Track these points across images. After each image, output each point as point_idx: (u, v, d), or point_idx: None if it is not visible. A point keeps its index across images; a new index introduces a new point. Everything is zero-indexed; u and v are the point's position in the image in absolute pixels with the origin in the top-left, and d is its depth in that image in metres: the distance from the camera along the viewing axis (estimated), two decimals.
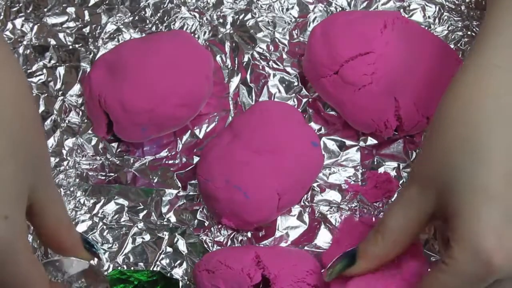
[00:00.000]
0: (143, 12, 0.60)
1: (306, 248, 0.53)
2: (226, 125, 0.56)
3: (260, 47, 0.59)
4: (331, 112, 0.56)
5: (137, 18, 0.60)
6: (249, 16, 0.60)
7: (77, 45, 0.59)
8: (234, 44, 0.59)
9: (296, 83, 0.58)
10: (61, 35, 0.59)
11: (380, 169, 0.55)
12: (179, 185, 0.55)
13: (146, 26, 0.60)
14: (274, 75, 0.58)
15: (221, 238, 0.53)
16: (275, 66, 0.58)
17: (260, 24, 0.60)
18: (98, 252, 0.45)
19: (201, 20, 0.60)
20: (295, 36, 0.59)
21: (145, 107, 0.51)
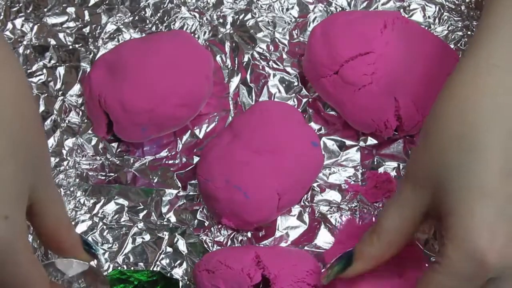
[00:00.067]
0: (143, 12, 0.60)
1: (306, 248, 0.53)
2: (226, 125, 0.56)
3: (260, 47, 0.59)
4: (331, 112, 0.56)
5: (137, 18, 0.60)
6: (249, 16, 0.60)
7: (77, 45, 0.59)
8: (234, 44, 0.59)
9: (296, 83, 0.58)
10: (61, 35, 0.59)
11: (380, 169, 0.55)
12: (179, 185, 0.55)
13: (146, 26, 0.60)
14: (274, 75, 0.58)
15: (221, 238, 0.53)
16: (275, 66, 0.58)
17: (260, 24, 0.60)
18: (97, 253, 0.45)
19: (201, 20, 0.60)
20: (295, 36, 0.59)
21: (145, 107, 0.51)
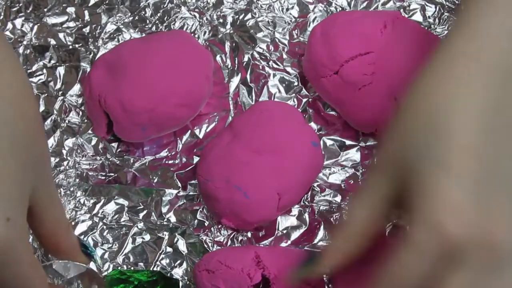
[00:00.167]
0: (143, 12, 0.60)
1: (306, 248, 0.53)
2: (226, 125, 0.56)
3: (260, 47, 0.59)
4: (331, 112, 0.56)
5: (137, 18, 0.60)
6: (249, 16, 0.60)
7: (77, 45, 0.59)
8: (234, 44, 0.59)
9: (296, 83, 0.58)
10: (61, 35, 0.59)
11: None
12: (179, 185, 0.55)
13: (146, 26, 0.60)
14: (274, 75, 0.58)
15: (221, 238, 0.53)
16: (275, 66, 0.58)
17: (260, 24, 0.60)
18: (93, 254, 0.45)
19: (201, 20, 0.60)
20: (295, 36, 0.59)
21: (145, 107, 0.51)
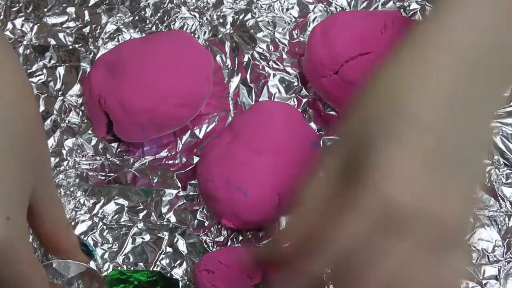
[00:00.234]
0: (143, 12, 0.60)
1: None
2: (226, 125, 0.56)
3: (260, 47, 0.59)
4: (331, 112, 0.56)
5: (137, 18, 0.60)
6: (249, 16, 0.60)
7: (77, 45, 0.59)
8: (234, 44, 0.59)
9: (296, 83, 0.58)
10: (61, 35, 0.59)
11: None
12: (179, 185, 0.55)
13: (146, 26, 0.60)
14: (274, 75, 0.58)
15: (221, 238, 0.53)
16: (275, 66, 0.58)
17: (260, 24, 0.60)
18: (94, 253, 0.45)
19: (201, 20, 0.60)
20: (295, 36, 0.59)
21: (145, 107, 0.51)
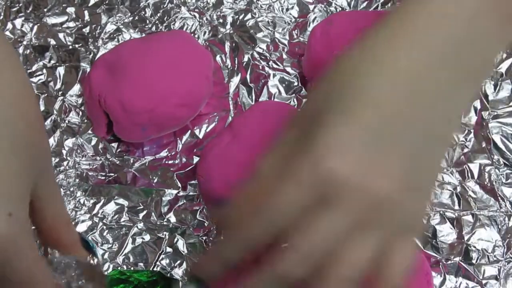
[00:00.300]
0: (143, 12, 0.60)
1: None
2: (226, 125, 0.56)
3: (260, 47, 0.59)
4: None
5: (137, 18, 0.60)
6: (249, 16, 0.60)
7: (77, 45, 0.59)
8: (234, 44, 0.59)
9: (296, 83, 0.58)
10: (61, 35, 0.59)
11: None
12: (179, 185, 0.55)
13: (146, 26, 0.60)
14: (274, 75, 0.58)
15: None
16: (275, 66, 0.58)
17: (260, 24, 0.60)
18: (95, 250, 0.45)
19: (201, 20, 0.60)
20: (295, 36, 0.59)
21: (145, 107, 0.51)
